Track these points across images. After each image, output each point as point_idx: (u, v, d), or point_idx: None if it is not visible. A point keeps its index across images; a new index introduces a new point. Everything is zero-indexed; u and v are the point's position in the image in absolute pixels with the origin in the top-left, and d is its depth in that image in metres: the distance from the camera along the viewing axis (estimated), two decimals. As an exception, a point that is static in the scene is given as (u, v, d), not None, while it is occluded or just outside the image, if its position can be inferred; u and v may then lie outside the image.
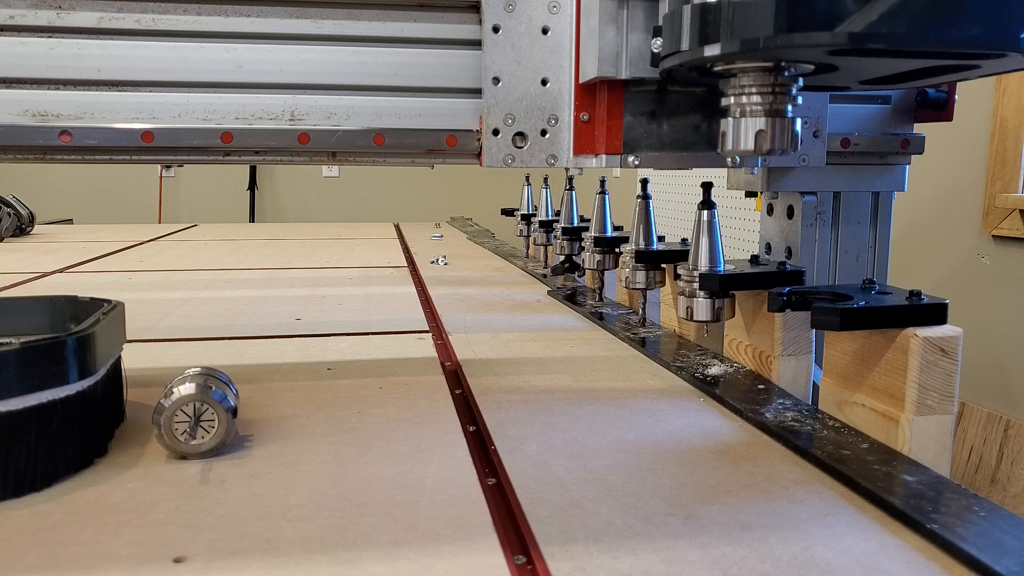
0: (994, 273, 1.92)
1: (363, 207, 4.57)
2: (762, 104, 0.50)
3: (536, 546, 0.41)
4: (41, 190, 4.14)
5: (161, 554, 0.40)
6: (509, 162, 0.60)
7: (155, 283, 1.31)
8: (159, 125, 0.58)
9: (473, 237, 2.09)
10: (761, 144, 0.50)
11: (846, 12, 0.42)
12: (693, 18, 0.48)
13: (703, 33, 0.47)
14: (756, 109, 0.50)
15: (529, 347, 0.85)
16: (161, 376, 0.67)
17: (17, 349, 0.45)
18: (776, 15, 0.43)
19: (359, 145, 0.61)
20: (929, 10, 0.41)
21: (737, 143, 0.51)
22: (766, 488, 0.48)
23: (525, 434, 0.57)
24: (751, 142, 0.51)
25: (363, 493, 0.47)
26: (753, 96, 0.50)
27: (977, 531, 0.41)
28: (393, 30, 0.60)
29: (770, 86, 0.50)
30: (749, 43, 0.45)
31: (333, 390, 0.68)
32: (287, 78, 0.59)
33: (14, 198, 2.08)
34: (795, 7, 0.43)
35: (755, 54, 0.48)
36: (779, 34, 0.43)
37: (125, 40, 0.57)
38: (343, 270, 1.48)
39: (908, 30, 0.41)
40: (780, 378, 0.68)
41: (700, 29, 0.47)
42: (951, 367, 0.54)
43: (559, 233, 1.22)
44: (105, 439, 0.54)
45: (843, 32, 0.41)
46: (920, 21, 0.41)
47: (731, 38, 0.45)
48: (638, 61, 0.57)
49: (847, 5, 0.43)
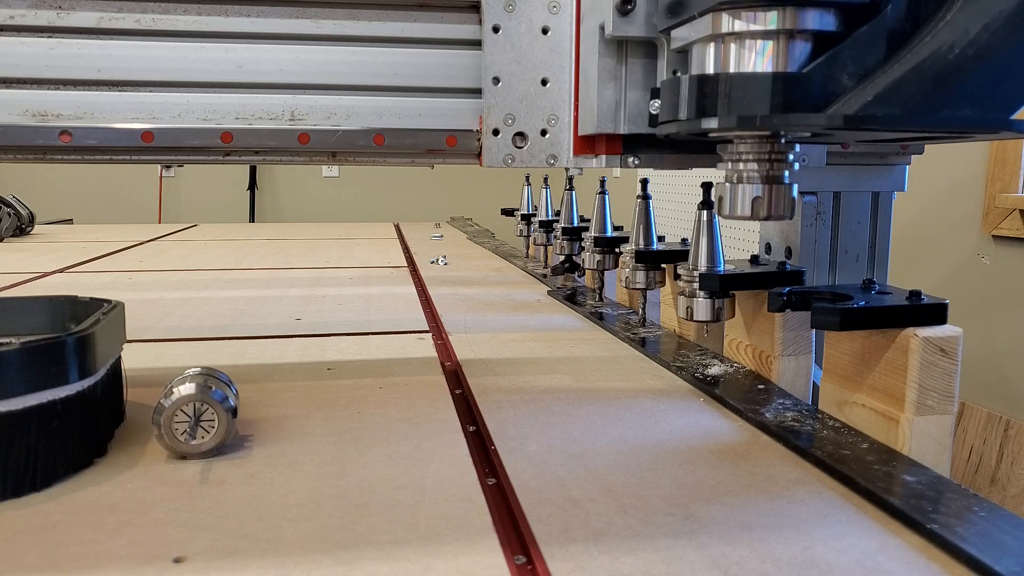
0: (994, 273, 1.92)
1: (363, 207, 4.57)
2: (759, 171, 0.51)
3: (536, 546, 0.41)
4: (41, 190, 4.14)
5: (161, 554, 0.40)
6: (509, 162, 0.60)
7: (155, 283, 1.31)
8: (159, 125, 0.58)
9: (473, 237, 2.09)
10: (758, 210, 0.51)
11: (842, 89, 0.43)
12: (691, 89, 0.49)
13: (700, 105, 0.48)
14: (753, 176, 0.51)
15: (529, 347, 0.85)
16: (161, 376, 0.67)
17: (17, 349, 0.45)
18: (773, 93, 0.44)
19: (359, 145, 0.61)
20: (923, 93, 0.42)
21: (734, 209, 0.52)
22: (766, 488, 0.48)
23: (525, 434, 0.57)
24: (748, 208, 0.51)
25: (363, 493, 0.47)
26: (750, 163, 0.51)
27: (977, 531, 0.41)
28: (393, 30, 0.60)
29: (767, 154, 0.51)
30: (746, 120, 0.46)
31: (333, 390, 0.68)
32: (287, 78, 0.59)
33: (14, 198, 2.08)
34: (791, 85, 0.44)
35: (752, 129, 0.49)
36: (775, 113, 0.44)
37: (125, 40, 0.57)
38: (343, 270, 1.48)
39: (902, 112, 0.42)
40: (780, 378, 0.68)
41: (698, 100, 0.48)
42: (951, 367, 0.54)
43: (559, 233, 1.22)
44: (105, 439, 0.54)
45: (838, 115, 0.42)
46: (914, 103, 0.42)
47: (728, 113, 0.46)
48: (636, 117, 0.57)
49: (843, 82, 0.43)
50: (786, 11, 0.44)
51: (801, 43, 0.45)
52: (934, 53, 0.41)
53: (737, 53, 0.46)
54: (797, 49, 0.45)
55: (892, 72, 0.42)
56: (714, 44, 0.48)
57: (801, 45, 0.45)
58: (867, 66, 0.43)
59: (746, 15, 0.45)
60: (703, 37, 0.48)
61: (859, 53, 0.43)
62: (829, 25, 0.44)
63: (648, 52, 0.57)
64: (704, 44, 0.48)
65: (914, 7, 0.44)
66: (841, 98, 0.43)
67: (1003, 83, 0.41)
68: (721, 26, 0.46)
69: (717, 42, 0.47)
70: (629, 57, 0.57)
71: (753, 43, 0.45)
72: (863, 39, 0.43)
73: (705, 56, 0.48)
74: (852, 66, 0.43)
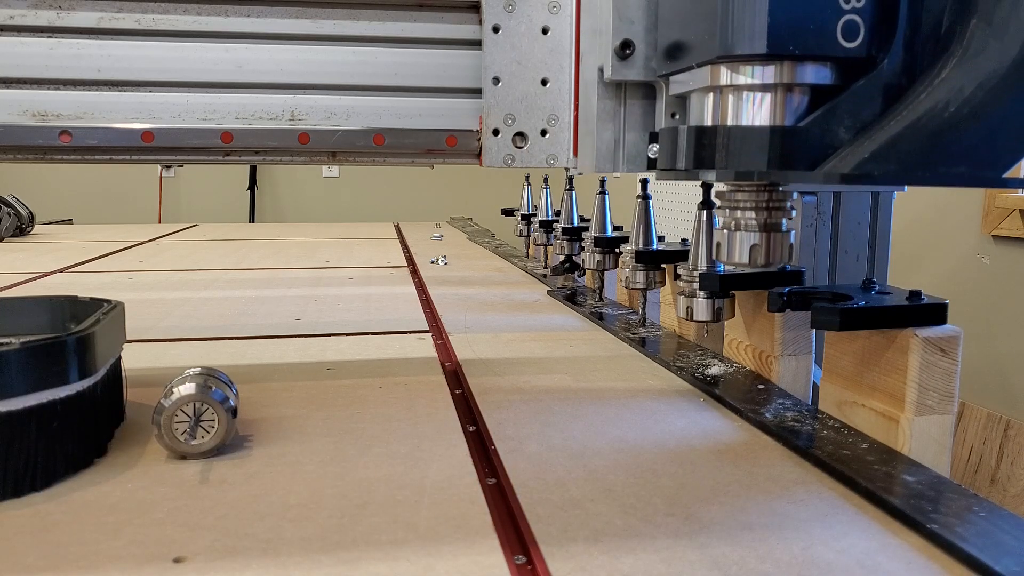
0: (994, 273, 1.92)
1: (363, 207, 4.57)
2: (757, 219, 0.51)
3: (536, 546, 0.41)
4: (41, 190, 4.14)
5: (161, 554, 0.40)
6: (509, 162, 0.60)
7: (155, 283, 1.31)
8: (159, 125, 0.58)
9: (473, 237, 2.09)
10: (756, 258, 0.51)
11: (839, 142, 0.44)
12: (689, 140, 0.49)
13: (699, 156, 0.48)
14: (751, 224, 0.51)
15: (529, 347, 0.85)
16: (161, 376, 0.67)
17: (17, 349, 0.45)
18: (771, 147, 0.45)
19: (359, 145, 0.61)
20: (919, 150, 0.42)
21: (731, 255, 0.52)
22: (766, 488, 0.48)
23: (525, 434, 0.57)
24: (746, 256, 0.52)
25: (363, 493, 0.47)
26: (748, 211, 0.51)
27: (977, 531, 0.41)
28: (393, 30, 0.60)
29: (765, 203, 0.51)
30: (743, 175, 0.46)
31: (333, 390, 0.68)
32: (287, 78, 0.59)
33: (14, 198, 2.08)
34: (789, 139, 0.45)
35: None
36: (773, 168, 0.45)
37: (125, 40, 0.57)
38: (343, 270, 1.48)
39: (898, 169, 0.42)
40: (780, 378, 0.68)
41: (696, 152, 0.49)
42: (951, 367, 0.54)
43: (559, 233, 1.22)
44: (105, 439, 0.54)
45: (835, 173, 0.43)
46: (910, 160, 0.42)
47: (726, 167, 0.47)
48: (635, 157, 0.58)
49: (840, 135, 0.44)
50: (784, 65, 0.45)
51: (799, 96, 0.46)
52: (929, 111, 0.42)
53: (735, 105, 0.47)
54: (795, 101, 0.46)
55: (888, 129, 0.43)
56: (712, 95, 0.48)
57: (799, 98, 0.46)
58: (864, 119, 0.44)
59: (744, 68, 0.46)
60: (701, 87, 0.49)
61: (856, 107, 0.44)
62: (826, 79, 0.45)
63: (647, 93, 0.57)
64: (702, 94, 0.49)
65: (909, 62, 0.44)
66: (838, 152, 0.44)
67: (997, 141, 0.42)
68: (720, 78, 0.47)
69: (715, 93, 0.48)
70: (628, 98, 0.57)
71: (751, 95, 0.46)
72: (860, 93, 0.44)
73: (703, 105, 0.49)
74: (849, 119, 0.44)
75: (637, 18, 0.54)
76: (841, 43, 0.43)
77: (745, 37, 0.43)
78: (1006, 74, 0.41)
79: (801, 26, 0.43)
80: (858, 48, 0.43)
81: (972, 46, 0.42)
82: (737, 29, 0.43)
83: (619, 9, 0.53)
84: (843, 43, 0.43)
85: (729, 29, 0.44)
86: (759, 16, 0.43)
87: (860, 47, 0.43)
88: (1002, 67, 0.41)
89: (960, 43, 0.42)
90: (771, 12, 0.42)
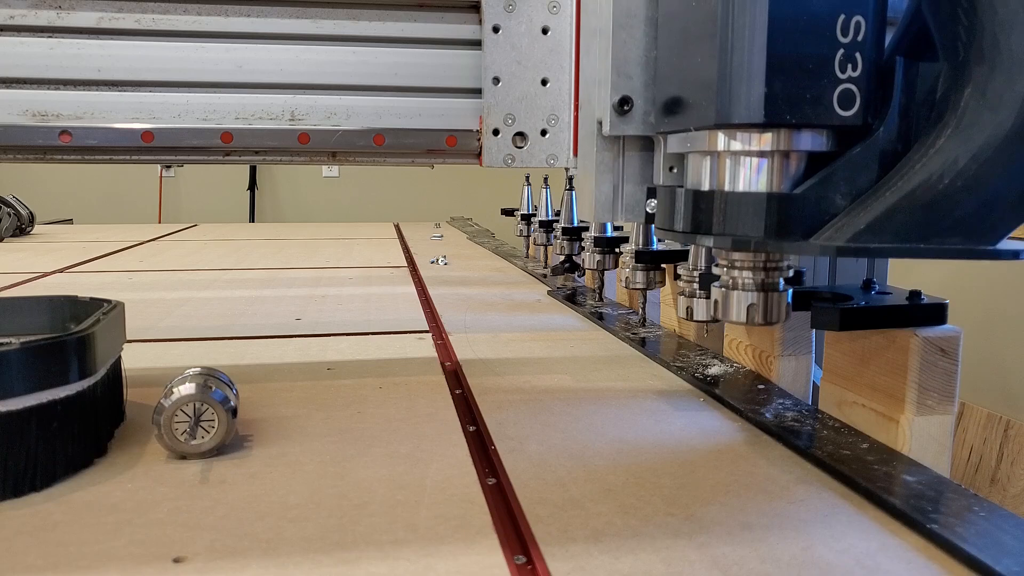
0: (994, 273, 1.92)
1: (363, 207, 4.57)
2: (754, 280, 0.51)
3: (536, 546, 0.41)
4: (41, 190, 4.14)
5: (161, 554, 0.40)
6: (509, 162, 0.60)
7: (155, 283, 1.31)
8: (159, 125, 0.58)
9: (473, 237, 2.09)
10: (753, 316, 0.52)
11: (836, 208, 0.44)
12: (687, 203, 0.50)
13: (696, 220, 0.49)
14: (748, 284, 0.51)
15: (529, 347, 0.85)
16: (161, 376, 0.67)
17: (17, 349, 0.45)
18: (767, 214, 0.45)
19: (359, 145, 0.61)
20: (913, 222, 0.43)
21: (728, 314, 0.52)
22: (766, 488, 0.48)
23: (525, 434, 0.57)
24: (743, 314, 0.52)
25: (363, 493, 0.47)
26: (745, 271, 0.51)
27: (977, 531, 0.41)
28: (393, 30, 0.60)
29: (762, 263, 0.51)
30: (740, 243, 0.47)
31: (333, 390, 0.68)
32: (287, 78, 0.59)
33: (14, 198, 2.08)
34: (786, 206, 0.45)
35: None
36: (770, 235, 0.45)
37: (125, 40, 0.57)
38: (343, 270, 1.48)
39: (893, 240, 0.43)
40: (780, 378, 0.68)
41: (693, 215, 0.49)
42: (951, 367, 0.54)
43: (559, 233, 1.22)
44: (105, 439, 0.54)
45: (831, 246, 0.43)
46: (905, 232, 0.43)
47: (723, 233, 0.47)
48: (633, 207, 0.58)
49: (836, 202, 0.44)
50: (780, 133, 0.45)
51: (795, 162, 0.46)
52: (924, 182, 0.42)
53: (732, 169, 0.47)
54: (791, 167, 0.46)
55: (884, 199, 0.43)
56: (709, 158, 0.49)
57: (795, 164, 0.46)
58: (860, 186, 0.45)
59: (741, 135, 0.46)
60: (699, 150, 0.49)
61: (852, 173, 0.45)
62: (822, 146, 0.46)
63: (645, 145, 0.58)
64: (700, 156, 0.49)
65: (905, 128, 0.45)
66: (834, 220, 0.44)
67: (990, 213, 0.42)
68: (717, 144, 0.47)
69: (713, 157, 0.48)
70: (626, 150, 0.58)
71: (748, 160, 0.46)
72: (856, 160, 0.45)
73: (701, 168, 0.49)
74: (845, 186, 0.45)
75: (635, 74, 0.54)
76: (838, 112, 0.44)
77: (742, 107, 0.44)
78: (1000, 147, 0.41)
79: (798, 95, 0.43)
80: (854, 116, 0.44)
81: (966, 117, 0.42)
82: (735, 98, 0.44)
83: (618, 65, 0.54)
84: (839, 112, 0.44)
85: (727, 98, 0.44)
86: (756, 86, 0.43)
87: (856, 115, 0.44)
88: (996, 139, 0.41)
89: (954, 113, 0.43)
90: (768, 82, 0.43)
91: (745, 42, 0.43)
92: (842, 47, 0.43)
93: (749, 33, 0.43)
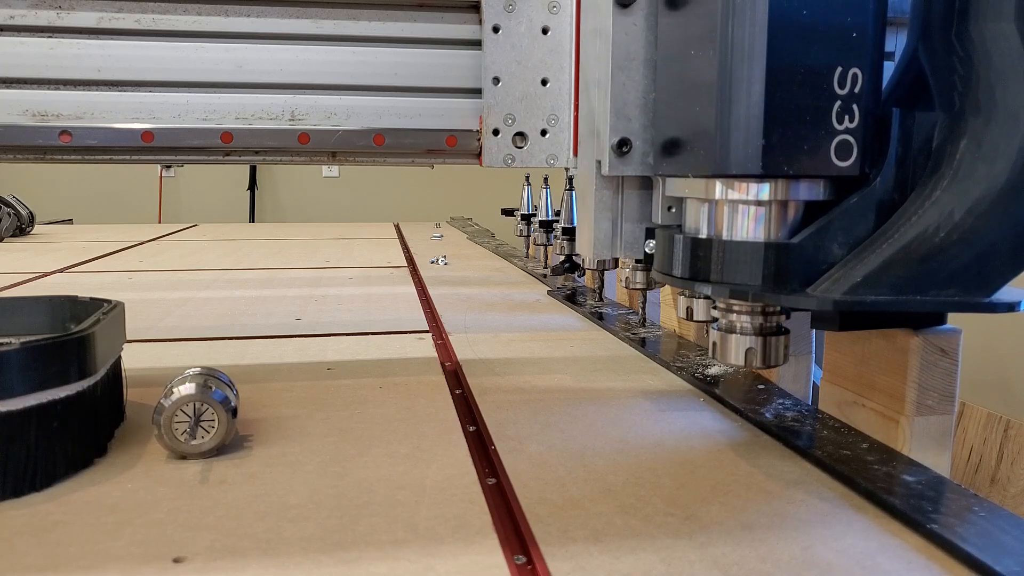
0: (994, 273, 1.92)
1: (363, 207, 4.57)
2: (752, 324, 0.51)
3: (536, 546, 0.41)
4: (41, 190, 4.14)
5: (161, 554, 0.40)
6: (509, 162, 0.60)
7: (155, 283, 1.31)
8: (159, 125, 0.58)
9: (473, 237, 2.09)
10: (751, 360, 0.52)
11: (833, 257, 0.45)
12: (685, 249, 0.50)
13: (694, 267, 0.49)
14: (746, 327, 0.51)
15: (529, 347, 0.85)
16: (161, 376, 0.67)
17: (17, 349, 0.45)
18: (765, 262, 0.46)
19: (359, 145, 0.61)
20: (910, 274, 0.43)
21: (726, 356, 0.52)
22: (766, 488, 0.48)
23: (525, 434, 0.57)
24: (741, 358, 0.52)
25: (363, 493, 0.47)
26: (743, 316, 0.51)
27: (977, 531, 0.41)
28: (393, 30, 0.60)
29: (761, 307, 0.51)
30: (737, 292, 0.47)
31: (333, 390, 0.68)
32: (287, 78, 0.59)
33: (14, 198, 2.08)
34: (783, 255, 0.45)
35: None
36: (767, 286, 0.45)
37: (125, 40, 0.57)
38: (343, 270, 1.48)
39: (889, 293, 0.43)
40: (780, 378, 0.68)
41: (691, 263, 0.49)
42: (951, 367, 0.54)
43: (559, 233, 1.21)
44: (105, 439, 0.54)
45: (828, 299, 0.44)
46: (901, 284, 0.43)
47: (720, 281, 0.47)
48: (632, 244, 0.59)
49: (833, 251, 0.45)
50: (778, 183, 0.45)
51: (793, 211, 0.46)
52: (920, 235, 0.43)
53: (730, 217, 0.47)
54: (789, 216, 0.46)
55: (881, 252, 0.43)
56: (707, 205, 0.49)
57: (793, 213, 0.46)
58: (857, 235, 0.45)
59: (739, 185, 0.46)
60: (697, 197, 0.49)
61: (849, 223, 0.45)
62: (819, 195, 0.46)
63: (643, 184, 0.58)
64: (698, 203, 0.50)
65: (902, 178, 0.45)
66: (831, 270, 0.45)
67: (986, 265, 0.43)
68: (715, 192, 0.47)
69: (711, 204, 0.48)
70: (625, 189, 0.58)
71: (746, 209, 0.47)
72: (853, 209, 0.45)
73: (699, 215, 0.50)
74: (842, 236, 0.45)
75: (634, 116, 0.54)
76: (835, 163, 0.44)
77: (740, 158, 0.44)
78: (995, 199, 0.41)
79: (795, 147, 0.43)
80: (851, 167, 0.44)
81: (962, 169, 0.42)
82: (733, 149, 0.44)
83: (617, 107, 0.54)
84: (837, 162, 0.44)
85: (725, 149, 0.44)
86: (754, 138, 0.43)
87: (853, 166, 0.44)
88: (991, 192, 0.41)
89: (950, 165, 0.43)
90: (766, 134, 0.43)
91: (743, 94, 0.43)
92: (839, 99, 0.43)
93: (747, 85, 0.43)
